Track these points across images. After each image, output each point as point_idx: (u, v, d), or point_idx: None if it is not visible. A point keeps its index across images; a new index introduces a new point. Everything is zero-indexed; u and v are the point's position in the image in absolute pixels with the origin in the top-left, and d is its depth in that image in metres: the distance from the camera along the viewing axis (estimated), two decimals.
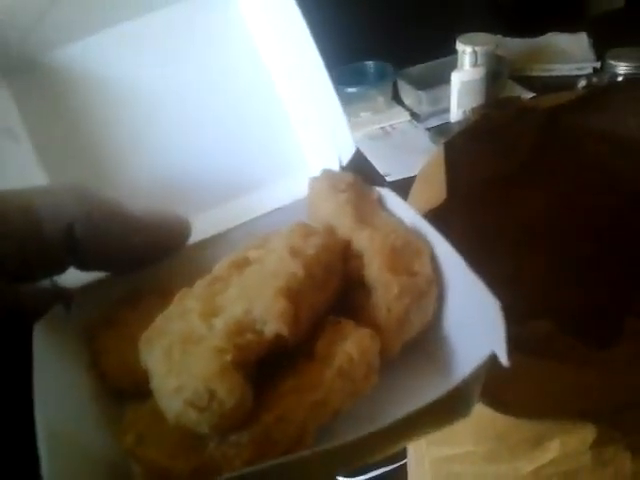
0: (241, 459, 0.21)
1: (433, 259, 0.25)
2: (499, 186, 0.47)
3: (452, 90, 1.09)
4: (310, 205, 0.29)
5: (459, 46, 1.11)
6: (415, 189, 0.42)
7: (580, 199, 0.51)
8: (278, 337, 0.22)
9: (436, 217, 0.34)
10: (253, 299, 0.23)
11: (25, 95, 0.31)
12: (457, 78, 1.08)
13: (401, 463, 0.57)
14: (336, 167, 0.31)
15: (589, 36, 1.33)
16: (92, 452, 0.22)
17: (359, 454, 0.21)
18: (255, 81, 0.34)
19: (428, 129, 1.15)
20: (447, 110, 1.14)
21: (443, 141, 0.41)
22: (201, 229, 0.30)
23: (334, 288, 0.25)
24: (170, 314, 0.24)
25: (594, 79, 1.10)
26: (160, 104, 0.33)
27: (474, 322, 0.23)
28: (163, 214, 0.28)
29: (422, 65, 1.22)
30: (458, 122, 1.12)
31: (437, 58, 1.23)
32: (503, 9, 1.45)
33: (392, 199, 0.28)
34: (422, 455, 0.43)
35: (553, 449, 0.34)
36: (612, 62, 1.03)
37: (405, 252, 0.25)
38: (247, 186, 0.33)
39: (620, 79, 1.02)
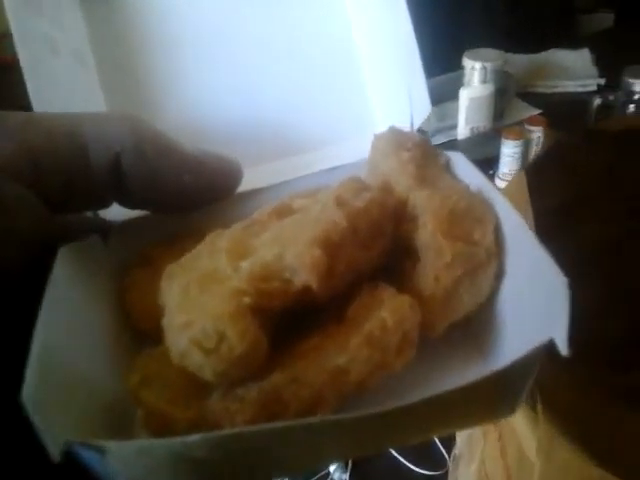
0: (244, 417, 0.19)
1: (497, 230, 0.22)
2: (562, 216, 0.44)
3: (460, 106, 1.07)
4: (370, 162, 0.27)
5: (466, 62, 1.08)
6: None
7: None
8: (306, 289, 0.20)
9: None
10: (286, 245, 0.20)
11: (95, 18, 0.30)
12: (465, 94, 1.06)
13: None
14: (407, 128, 0.28)
15: (591, 52, 1.31)
16: (91, 384, 0.20)
17: (376, 435, 0.18)
18: (332, 32, 0.31)
19: (436, 146, 1.09)
20: (454, 126, 1.11)
21: (524, 167, 0.39)
22: (252, 180, 0.28)
23: (380, 249, 0.22)
24: (199, 252, 0.22)
25: (610, 97, 1.05)
26: (229, 46, 0.31)
27: (535, 304, 0.20)
28: (216, 156, 0.27)
29: (430, 80, 1.16)
30: (466, 139, 1.09)
31: (441, 74, 1.18)
32: (500, 26, 1.40)
33: (462, 164, 0.25)
34: None
35: None
36: (629, 80, 1.00)
37: (466, 218, 0.22)
38: (309, 143, 0.31)
39: (637, 97, 1.00)
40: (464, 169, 0.25)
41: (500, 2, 1.46)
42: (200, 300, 0.19)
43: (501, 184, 0.99)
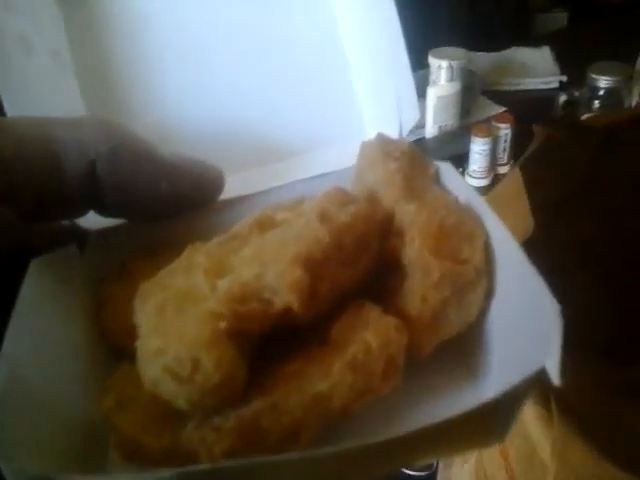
0: (221, 447, 0.18)
1: (487, 247, 0.21)
2: (553, 212, 0.44)
3: (428, 105, 1.07)
4: (357, 171, 0.26)
5: (432, 61, 1.09)
6: None
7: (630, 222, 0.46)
8: (287, 311, 0.19)
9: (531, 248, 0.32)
10: (267, 263, 0.19)
11: (74, 18, 0.29)
12: (433, 93, 1.06)
13: None
14: (395, 135, 0.27)
15: (552, 50, 1.33)
16: (62, 409, 0.19)
17: (362, 467, 0.17)
18: (319, 35, 0.30)
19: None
20: (422, 125, 1.10)
21: (518, 164, 0.39)
22: (235, 187, 0.26)
23: (365, 266, 0.21)
24: (175, 268, 0.21)
25: (576, 93, 1.06)
26: (214, 47, 0.30)
27: (525, 326, 0.19)
28: (197, 163, 0.26)
29: None
30: (434, 137, 1.09)
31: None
32: (458, 25, 1.41)
33: (450, 174, 0.24)
34: None
35: None
36: (594, 76, 1.01)
37: (454, 234, 0.21)
38: (294, 148, 0.29)
39: (601, 93, 1.01)
40: (452, 180, 0.24)
41: (457, 1, 1.47)
42: (175, 322, 0.18)
43: (471, 181, 1.00)
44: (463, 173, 1.01)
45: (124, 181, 0.23)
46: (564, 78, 1.26)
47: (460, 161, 1.02)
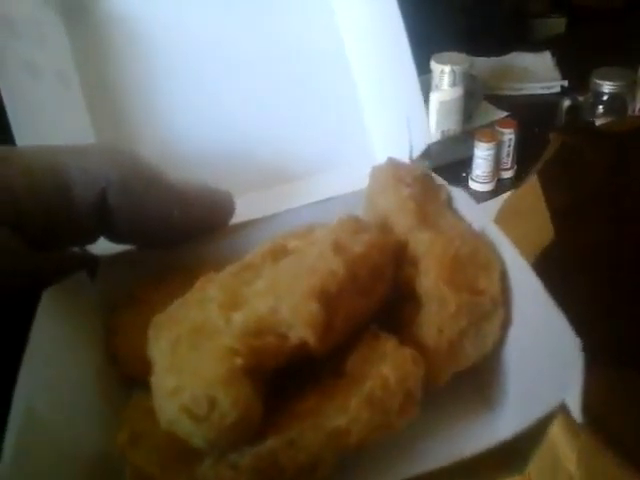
0: None
1: (503, 277, 0.21)
2: (569, 218, 0.44)
3: (430, 110, 1.05)
4: (368, 196, 0.25)
5: (435, 66, 1.08)
6: (502, 222, 0.38)
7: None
8: (303, 345, 0.19)
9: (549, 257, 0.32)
10: (282, 296, 0.19)
11: (80, 39, 0.29)
12: (436, 98, 1.05)
13: None
14: (405, 158, 0.27)
15: (553, 55, 1.33)
16: (72, 444, 0.19)
17: None
18: (328, 57, 0.30)
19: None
20: None
21: (535, 171, 0.39)
22: (244, 211, 0.26)
23: (380, 296, 0.21)
24: (188, 300, 0.21)
25: (580, 98, 1.05)
26: (220, 69, 0.30)
27: (543, 358, 0.19)
28: (207, 188, 0.26)
29: None
30: (437, 142, 1.08)
31: None
32: (458, 30, 1.42)
33: (464, 200, 0.24)
34: None
35: None
36: (598, 81, 1.00)
37: (470, 264, 0.20)
38: (302, 170, 0.29)
39: (605, 98, 1.00)
40: (465, 206, 0.24)
41: (457, 6, 1.47)
42: (190, 359, 0.18)
43: (475, 186, 0.99)
44: (467, 178, 1.01)
45: (135, 209, 0.23)
46: (565, 83, 1.26)
47: (463, 166, 1.02)
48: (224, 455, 0.18)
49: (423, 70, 1.13)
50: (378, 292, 0.21)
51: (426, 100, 1.07)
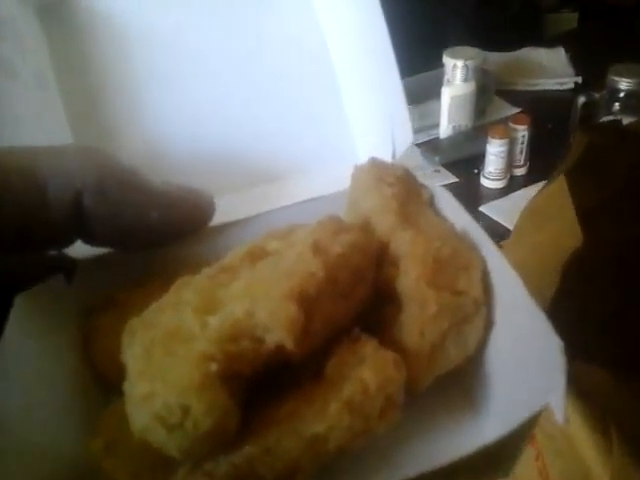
0: None
1: (485, 277, 0.20)
2: (592, 218, 0.43)
3: (442, 105, 1.06)
4: (351, 196, 0.25)
5: (447, 60, 1.08)
6: (527, 222, 0.38)
7: None
8: (280, 349, 0.18)
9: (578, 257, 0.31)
10: (258, 299, 0.19)
11: (58, 42, 0.29)
12: (448, 93, 1.05)
13: None
14: (387, 158, 0.27)
15: (567, 51, 1.33)
16: (44, 447, 0.19)
17: None
18: (310, 56, 0.30)
19: (417, 145, 1.10)
20: (435, 125, 1.10)
21: (561, 171, 0.38)
22: (224, 212, 0.26)
23: (360, 298, 0.20)
24: (163, 304, 0.20)
25: (596, 95, 1.04)
26: (198, 70, 0.29)
27: (526, 360, 0.18)
28: (186, 189, 0.25)
29: (409, 79, 1.16)
30: (448, 137, 1.08)
31: (419, 72, 1.17)
32: (470, 25, 1.41)
33: (446, 200, 0.23)
34: None
35: None
36: (614, 78, 0.99)
37: (451, 264, 0.20)
38: (283, 170, 0.29)
39: (622, 95, 1.00)
40: (448, 206, 0.23)
41: (469, 1, 1.47)
42: (163, 364, 0.18)
43: (487, 183, 0.99)
44: (478, 175, 1.00)
45: (112, 211, 0.23)
46: (579, 79, 1.25)
47: (475, 162, 1.02)
48: (199, 464, 0.17)
49: (435, 64, 1.12)
50: (358, 294, 0.20)
51: (438, 94, 1.06)
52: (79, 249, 0.25)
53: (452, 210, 0.23)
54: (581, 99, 1.05)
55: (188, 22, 0.29)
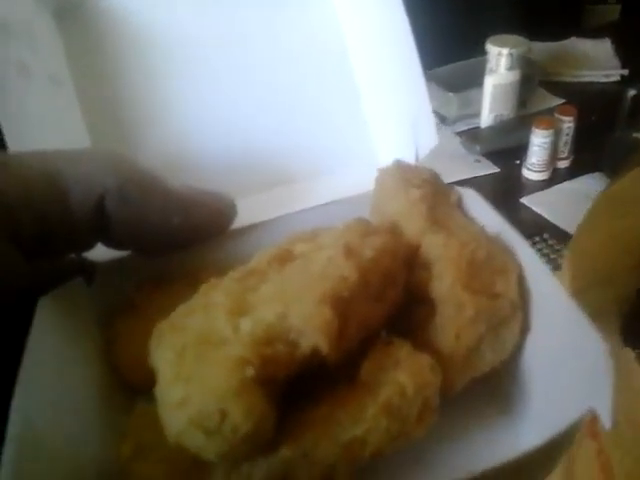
0: None
1: (521, 280, 0.20)
2: None
3: (485, 93, 1.03)
4: (375, 200, 0.25)
5: (491, 48, 1.04)
6: (601, 209, 0.37)
7: None
8: (315, 353, 0.18)
9: None
10: (291, 302, 0.18)
11: (74, 42, 0.28)
12: (491, 81, 1.02)
13: None
14: (411, 160, 0.26)
15: (612, 42, 1.29)
16: (72, 460, 0.18)
17: None
18: (330, 55, 0.30)
19: (458, 133, 1.06)
20: (476, 114, 1.07)
21: None
22: (246, 214, 0.26)
23: (392, 301, 0.20)
24: (192, 306, 0.20)
25: None
26: (218, 71, 0.29)
27: (566, 365, 0.18)
28: (208, 193, 0.25)
29: (450, 66, 1.13)
30: (489, 127, 1.05)
31: (462, 59, 1.14)
32: (511, 14, 1.39)
33: (476, 202, 0.23)
34: None
35: None
36: None
37: (486, 268, 0.20)
38: (304, 172, 0.29)
39: None
40: (477, 207, 0.23)
41: None
42: (197, 369, 0.17)
43: (529, 174, 0.97)
44: (521, 165, 0.98)
45: (134, 215, 0.23)
46: (626, 72, 1.22)
47: (517, 153, 0.99)
48: (236, 467, 0.17)
49: (474, 53, 1.09)
50: (390, 297, 0.20)
51: (479, 83, 1.03)
52: (98, 252, 0.24)
53: (482, 211, 0.23)
54: (630, 92, 1.00)
55: (208, 24, 0.29)
